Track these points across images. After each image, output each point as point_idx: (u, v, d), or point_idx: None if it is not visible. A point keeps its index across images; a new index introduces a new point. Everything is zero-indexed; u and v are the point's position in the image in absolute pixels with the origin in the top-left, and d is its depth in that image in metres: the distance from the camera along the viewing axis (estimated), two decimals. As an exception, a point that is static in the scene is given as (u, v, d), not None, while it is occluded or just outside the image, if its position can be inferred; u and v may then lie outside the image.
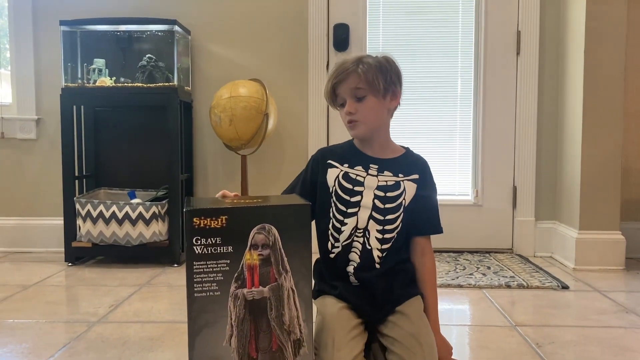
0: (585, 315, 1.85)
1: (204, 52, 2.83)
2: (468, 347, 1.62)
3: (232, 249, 1.06)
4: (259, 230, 1.07)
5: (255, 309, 1.08)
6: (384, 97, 1.32)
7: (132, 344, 1.58)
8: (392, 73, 1.33)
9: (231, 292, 1.07)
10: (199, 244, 1.05)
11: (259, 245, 1.07)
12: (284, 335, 1.09)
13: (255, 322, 1.08)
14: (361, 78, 1.29)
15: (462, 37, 2.81)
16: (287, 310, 1.09)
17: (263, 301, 1.08)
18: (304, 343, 1.11)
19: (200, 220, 1.05)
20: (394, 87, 1.33)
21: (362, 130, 1.33)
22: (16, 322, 1.78)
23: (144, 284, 2.24)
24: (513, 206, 2.81)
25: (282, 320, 1.09)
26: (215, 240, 1.06)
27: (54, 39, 2.74)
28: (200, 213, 1.05)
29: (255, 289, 1.07)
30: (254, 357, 1.09)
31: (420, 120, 2.82)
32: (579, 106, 2.50)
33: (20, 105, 2.86)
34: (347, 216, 1.30)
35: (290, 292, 1.08)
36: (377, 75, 1.30)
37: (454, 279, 2.27)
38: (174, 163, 2.54)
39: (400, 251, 1.34)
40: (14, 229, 2.88)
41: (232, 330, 1.07)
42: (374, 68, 1.30)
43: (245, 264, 1.07)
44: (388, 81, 1.32)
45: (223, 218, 1.06)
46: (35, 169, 2.88)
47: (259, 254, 1.07)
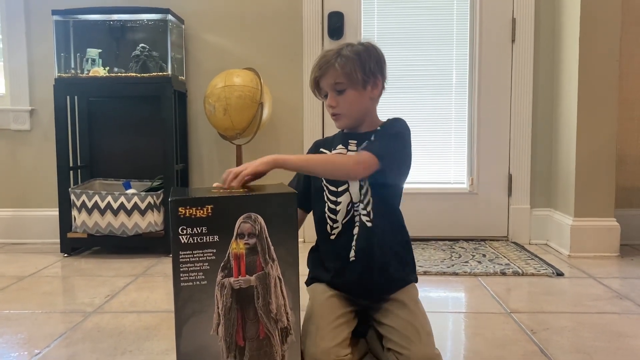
0: (579, 302, 1.86)
1: (198, 41, 2.81)
2: (463, 334, 1.63)
3: (218, 238, 1.06)
4: (244, 220, 1.07)
5: (242, 298, 1.09)
6: (364, 88, 1.33)
7: (128, 334, 1.58)
8: (371, 63, 1.33)
9: (218, 281, 1.07)
10: (184, 234, 1.05)
11: (245, 234, 1.07)
12: (271, 324, 1.10)
13: (242, 310, 1.09)
14: (339, 72, 1.31)
15: (457, 25, 2.79)
16: (274, 298, 1.09)
17: (250, 290, 1.09)
18: (291, 331, 1.11)
19: (186, 210, 1.05)
20: (374, 76, 1.33)
21: (345, 122, 1.37)
22: (12, 312, 1.78)
23: (139, 274, 2.24)
24: (508, 194, 2.81)
25: (269, 309, 1.09)
26: (201, 230, 1.06)
27: (47, 29, 2.72)
28: (186, 203, 1.05)
29: (242, 278, 1.08)
30: (242, 346, 1.09)
31: (416, 109, 2.81)
32: (573, 94, 2.50)
33: (14, 96, 2.85)
34: (339, 195, 1.33)
35: (277, 281, 1.09)
36: (354, 68, 1.30)
37: (449, 267, 2.28)
38: (169, 153, 2.53)
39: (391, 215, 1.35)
40: (9, 220, 2.87)
41: (219, 319, 1.08)
42: (352, 61, 1.31)
43: (232, 253, 1.07)
44: (367, 72, 1.32)
45: (209, 207, 1.06)
46: (30, 160, 2.87)
47: (245, 243, 1.07)
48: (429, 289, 2.03)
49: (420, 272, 2.19)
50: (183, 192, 1.19)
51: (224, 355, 1.09)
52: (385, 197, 1.32)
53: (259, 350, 1.10)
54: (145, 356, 1.43)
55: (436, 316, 1.76)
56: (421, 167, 2.80)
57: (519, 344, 1.49)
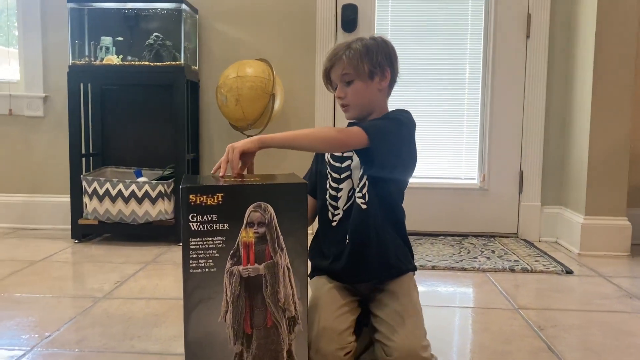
0: (588, 300, 1.85)
1: (211, 31, 2.81)
2: (470, 329, 1.63)
3: (228, 226, 1.07)
4: (254, 208, 1.07)
5: (251, 286, 1.09)
6: (372, 79, 1.35)
7: (137, 320, 1.60)
8: (379, 55, 1.35)
9: (227, 268, 1.08)
10: (195, 221, 1.06)
11: (255, 223, 1.08)
12: (279, 313, 1.10)
13: (250, 298, 1.09)
14: (347, 64, 1.34)
15: (472, 20, 2.78)
16: (283, 287, 1.10)
17: (258, 278, 1.09)
18: (298, 320, 1.11)
19: (197, 198, 1.05)
20: (382, 68, 1.35)
21: (353, 113, 1.38)
22: (23, 296, 1.80)
23: (149, 261, 2.26)
24: (519, 191, 2.80)
25: (277, 298, 1.10)
26: (211, 218, 1.06)
27: (62, 16, 2.73)
28: (197, 190, 1.06)
29: (251, 267, 1.08)
30: (249, 334, 1.10)
31: (428, 103, 2.80)
32: (588, 91, 2.48)
33: (28, 83, 2.87)
34: (341, 181, 1.34)
35: (285, 270, 1.09)
36: (362, 59, 1.33)
37: (457, 262, 2.27)
38: (180, 142, 2.54)
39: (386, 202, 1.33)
40: (21, 206, 2.90)
41: (227, 306, 1.08)
42: (360, 53, 1.34)
43: (241, 241, 1.08)
44: (374, 64, 1.34)
45: (219, 195, 1.06)
46: (43, 146, 2.89)
47: (255, 232, 1.08)
48: (437, 283, 2.03)
49: (428, 267, 2.19)
50: (195, 179, 1.20)
51: (231, 342, 1.10)
52: (381, 183, 1.31)
53: (266, 338, 1.10)
54: (154, 342, 1.44)
55: (444, 310, 1.76)
56: (432, 161, 2.79)
57: (526, 340, 1.49)
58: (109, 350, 1.39)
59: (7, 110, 2.85)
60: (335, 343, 1.21)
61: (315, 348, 1.21)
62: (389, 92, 1.41)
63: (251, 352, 1.10)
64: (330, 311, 1.27)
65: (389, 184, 1.32)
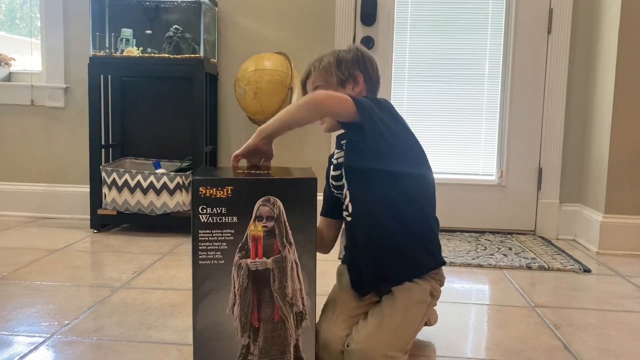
0: (606, 299, 1.83)
1: (231, 24, 2.82)
2: (486, 326, 1.62)
3: (237, 219, 1.07)
4: (263, 203, 1.08)
5: (259, 280, 1.09)
6: (343, 87, 1.37)
7: (154, 310, 1.62)
8: (349, 63, 1.38)
9: (235, 261, 1.08)
10: (204, 213, 1.07)
11: (264, 217, 1.08)
12: (286, 307, 1.10)
13: (258, 292, 1.10)
14: (317, 77, 1.39)
15: (492, 14, 2.75)
16: (290, 282, 1.10)
17: (266, 272, 1.09)
18: (306, 316, 1.11)
19: (207, 190, 1.06)
20: (353, 75, 1.37)
21: (327, 125, 1.38)
22: (44, 284, 1.83)
23: (166, 252, 2.28)
24: (538, 188, 2.78)
25: (285, 292, 1.10)
26: (220, 210, 1.07)
27: (83, 8, 2.76)
28: (207, 183, 1.07)
29: (259, 260, 1.09)
30: (256, 327, 1.10)
31: (446, 98, 2.78)
32: (610, 87, 2.45)
33: (50, 74, 2.91)
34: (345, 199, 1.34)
35: (293, 265, 1.09)
36: (331, 71, 1.37)
37: (474, 259, 2.26)
38: (199, 135, 2.56)
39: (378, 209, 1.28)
40: (42, 195, 2.95)
41: (235, 298, 1.09)
42: (329, 64, 1.38)
43: (250, 234, 1.08)
44: (344, 71, 1.37)
45: (229, 188, 1.07)
46: (63, 136, 2.93)
47: (264, 226, 1.08)
48: (453, 280, 2.02)
49: (444, 263, 2.19)
50: (210, 171, 1.21)
51: (238, 335, 1.10)
52: (370, 189, 1.26)
53: (273, 332, 1.11)
54: (170, 332, 1.46)
55: (459, 307, 1.76)
56: (450, 157, 2.77)
57: (541, 338, 1.48)
58: (126, 339, 1.41)
59: (29, 100, 2.89)
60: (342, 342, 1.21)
61: (322, 342, 1.21)
62: (371, 95, 1.39)
63: (258, 345, 1.11)
64: (345, 309, 1.27)
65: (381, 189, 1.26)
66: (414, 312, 1.27)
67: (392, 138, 1.24)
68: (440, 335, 1.49)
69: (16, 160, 2.96)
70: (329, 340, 1.21)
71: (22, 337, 1.41)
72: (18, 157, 2.96)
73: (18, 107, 2.93)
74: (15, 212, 2.94)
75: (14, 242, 2.41)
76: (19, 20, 3.34)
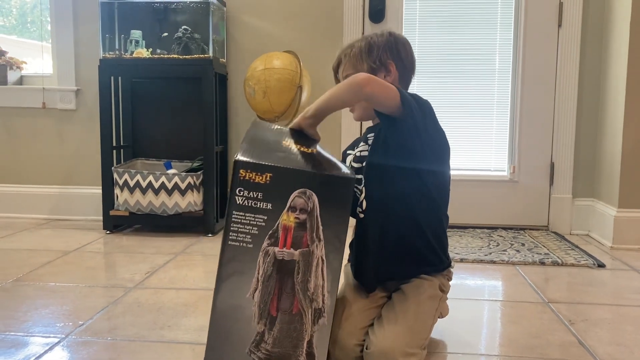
0: (621, 294, 1.82)
1: (239, 23, 2.82)
2: (499, 322, 1.61)
3: (272, 206, 1.07)
4: (299, 194, 1.07)
5: (283, 269, 1.09)
6: None
7: (166, 310, 1.62)
8: (381, 51, 1.34)
9: (263, 247, 1.08)
10: (241, 195, 1.06)
11: (297, 209, 1.07)
12: (306, 302, 1.10)
13: (280, 281, 1.09)
14: (347, 65, 1.36)
15: (502, 9, 2.73)
16: (314, 277, 1.09)
17: (292, 263, 1.09)
18: (324, 314, 1.11)
19: (247, 173, 1.06)
20: (384, 63, 1.34)
21: (359, 112, 1.38)
22: (58, 285, 1.84)
23: (179, 252, 2.29)
24: (550, 183, 2.76)
25: (307, 287, 1.09)
26: (257, 195, 1.07)
27: (93, 10, 2.78)
28: (248, 166, 1.06)
29: (287, 250, 1.08)
30: (274, 316, 1.10)
31: (457, 94, 2.77)
32: (622, 80, 2.42)
33: (61, 76, 2.93)
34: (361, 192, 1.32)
35: (319, 261, 1.09)
36: (361, 59, 1.34)
37: (487, 255, 2.25)
38: (209, 135, 2.57)
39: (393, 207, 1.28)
40: (55, 197, 2.97)
41: (257, 284, 1.09)
42: (360, 51, 1.34)
43: (281, 224, 1.08)
44: (375, 60, 1.33)
45: (268, 175, 1.06)
46: (75, 138, 2.95)
47: (296, 217, 1.07)
48: (465, 276, 2.01)
49: (456, 260, 2.18)
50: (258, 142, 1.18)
51: (255, 320, 1.10)
52: (388, 185, 1.26)
53: (289, 324, 1.11)
54: (183, 332, 1.46)
55: (472, 303, 1.75)
56: (461, 153, 2.76)
57: (556, 334, 1.47)
58: (139, 339, 1.41)
59: (40, 103, 2.92)
60: (354, 338, 1.21)
61: (334, 339, 1.21)
62: (404, 84, 1.37)
63: (273, 335, 1.10)
64: (356, 306, 1.27)
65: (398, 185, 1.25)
66: (427, 308, 1.27)
67: (428, 139, 1.24)
68: (453, 331, 1.48)
69: (29, 163, 2.99)
70: (341, 337, 1.21)
71: (37, 337, 1.42)
72: (31, 159, 2.98)
73: (30, 110, 2.95)
74: (29, 214, 2.97)
75: (28, 244, 2.43)
76: (29, 24, 3.37)
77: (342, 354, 1.21)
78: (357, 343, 1.21)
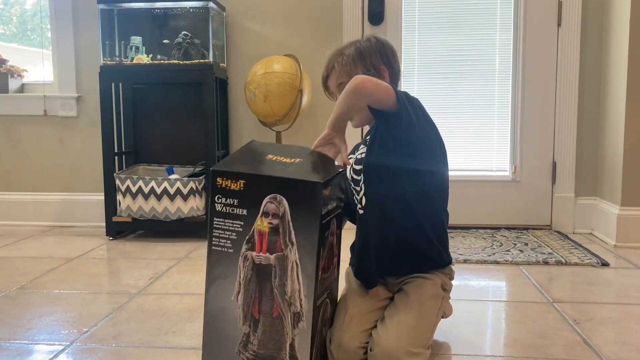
0: (626, 293, 1.81)
1: (239, 28, 2.83)
2: (504, 323, 1.61)
3: (247, 212, 1.12)
4: (270, 200, 1.11)
5: (262, 273, 1.13)
6: None
7: (171, 315, 1.62)
8: (374, 56, 1.35)
9: (242, 252, 1.13)
10: (219, 202, 1.13)
11: (270, 214, 1.11)
12: (285, 305, 1.12)
13: (260, 285, 1.13)
14: (340, 72, 1.36)
15: (501, 9, 2.73)
16: (290, 282, 1.12)
17: (269, 267, 1.12)
18: (303, 318, 1.12)
19: (223, 181, 1.13)
20: (377, 69, 1.35)
21: (357, 121, 1.39)
22: (62, 292, 1.85)
23: (182, 257, 2.29)
24: (552, 182, 2.75)
25: (285, 290, 1.12)
26: (233, 202, 1.13)
27: (93, 17, 2.78)
28: (224, 174, 1.13)
29: (263, 255, 1.12)
30: (257, 318, 1.14)
31: (458, 95, 2.77)
32: (622, 78, 2.42)
33: (62, 84, 2.93)
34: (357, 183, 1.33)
35: (294, 265, 1.11)
36: (355, 65, 1.35)
37: (490, 255, 2.25)
38: (210, 139, 2.57)
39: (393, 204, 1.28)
40: (57, 204, 2.97)
41: (240, 287, 1.14)
42: (352, 58, 1.35)
43: (257, 229, 1.12)
44: (368, 66, 1.34)
45: (242, 182, 1.12)
46: (77, 145, 2.96)
47: (269, 222, 1.11)
48: (469, 277, 2.01)
49: (460, 260, 2.18)
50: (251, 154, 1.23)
51: (240, 322, 1.15)
52: (387, 183, 1.26)
53: (271, 327, 1.13)
54: (188, 337, 1.46)
55: (476, 304, 1.75)
56: (463, 154, 2.76)
57: (561, 334, 1.47)
58: (144, 345, 1.41)
59: (42, 111, 2.92)
60: (357, 341, 1.21)
61: (337, 342, 1.21)
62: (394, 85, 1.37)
63: (257, 336, 1.14)
64: (357, 309, 1.27)
65: (397, 183, 1.26)
66: (429, 307, 1.28)
67: (423, 134, 1.25)
68: (457, 332, 1.48)
69: (31, 171, 2.99)
70: (344, 340, 1.21)
71: (42, 345, 1.42)
72: (33, 167, 2.99)
73: (31, 117, 2.96)
74: (33, 221, 2.97)
75: (32, 252, 2.43)
76: (30, 32, 3.38)
77: (345, 357, 1.21)
78: (360, 346, 1.21)
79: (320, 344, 1.21)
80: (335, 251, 1.23)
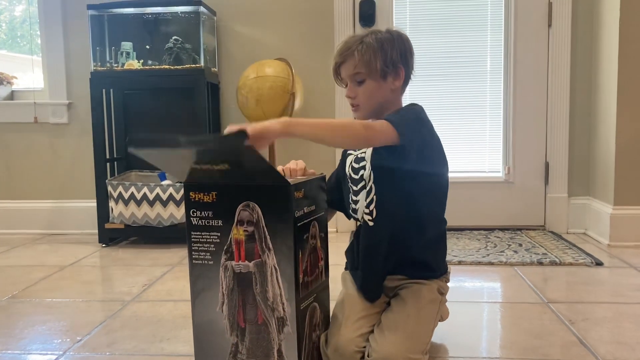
0: (620, 292, 1.82)
1: (230, 32, 2.82)
2: (499, 324, 1.61)
3: (222, 222, 1.13)
4: (244, 207, 1.11)
5: (243, 282, 1.13)
6: (384, 79, 1.28)
7: (165, 322, 1.61)
8: (394, 52, 1.27)
9: (222, 262, 1.14)
10: (195, 216, 1.14)
11: (245, 222, 1.11)
12: (268, 311, 1.12)
13: (243, 293, 1.14)
14: (359, 61, 1.26)
15: (491, 10, 2.74)
16: (271, 287, 1.12)
17: (249, 275, 1.12)
18: (287, 322, 1.12)
19: (195, 195, 1.13)
20: (395, 67, 1.28)
21: (363, 113, 1.32)
22: (54, 301, 1.83)
23: (176, 263, 2.28)
24: (545, 182, 2.76)
25: (266, 296, 1.12)
26: (207, 214, 1.13)
27: (83, 23, 2.76)
28: (195, 188, 1.13)
29: (242, 263, 1.12)
30: (243, 327, 1.14)
31: (449, 97, 2.77)
32: (613, 78, 2.43)
33: (52, 90, 2.92)
34: (357, 193, 1.31)
35: (273, 270, 1.11)
36: (375, 57, 1.26)
37: (484, 257, 2.25)
38: (203, 144, 2.55)
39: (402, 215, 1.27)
40: (49, 212, 2.95)
41: (223, 298, 1.14)
42: (373, 49, 1.26)
43: (233, 238, 1.12)
44: (387, 62, 1.26)
45: (213, 194, 1.13)
46: (68, 152, 2.94)
47: (245, 230, 1.11)
48: (464, 278, 2.01)
49: (454, 262, 2.18)
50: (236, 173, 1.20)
51: (228, 332, 1.16)
52: (393, 197, 1.25)
53: (257, 334, 1.14)
54: (182, 344, 1.45)
55: (471, 306, 1.75)
56: (455, 155, 2.74)
57: (557, 335, 1.47)
58: (139, 353, 1.40)
59: (32, 118, 2.90)
60: (354, 344, 1.20)
61: (334, 346, 1.21)
62: (403, 90, 1.35)
63: (245, 345, 1.15)
64: (354, 312, 1.26)
65: (407, 194, 1.26)
66: (427, 313, 1.27)
67: (430, 153, 1.25)
68: (453, 335, 1.47)
69: (23, 178, 2.97)
70: (340, 344, 1.20)
71: (35, 355, 1.41)
72: (24, 174, 2.97)
73: (22, 125, 2.94)
74: (25, 229, 2.95)
75: (24, 260, 2.41)
76: (19, 38, 3.36)
77: None
78: (357, 350, 1.20)
79: (311, 348, 1.20)
80: (320, 254, 1.23)
